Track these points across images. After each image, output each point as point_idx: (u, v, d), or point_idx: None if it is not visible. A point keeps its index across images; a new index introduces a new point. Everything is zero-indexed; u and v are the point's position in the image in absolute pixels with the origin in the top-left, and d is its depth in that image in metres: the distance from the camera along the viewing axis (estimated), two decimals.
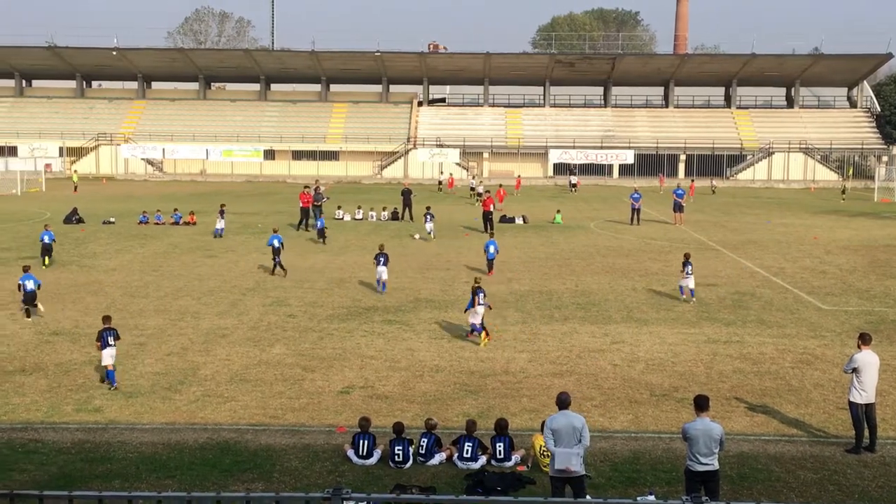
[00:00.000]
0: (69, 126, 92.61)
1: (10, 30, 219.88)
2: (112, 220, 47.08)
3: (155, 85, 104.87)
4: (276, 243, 31.44)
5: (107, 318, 19.06)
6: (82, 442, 15.49)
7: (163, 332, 23.28)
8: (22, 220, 48.75)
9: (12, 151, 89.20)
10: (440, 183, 76.07)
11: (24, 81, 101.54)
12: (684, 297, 27.69)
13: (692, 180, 72.27)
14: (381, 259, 28.65)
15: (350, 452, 14.82)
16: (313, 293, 28.55)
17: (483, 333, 22.24)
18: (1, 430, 15.97)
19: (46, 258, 33.08)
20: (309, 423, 16.55)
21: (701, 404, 12.36)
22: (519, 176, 73.58)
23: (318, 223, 40.99)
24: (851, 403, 15.40)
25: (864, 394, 15.27)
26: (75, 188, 69.73)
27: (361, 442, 14.78)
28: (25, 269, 25.44)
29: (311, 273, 32.11)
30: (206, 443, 15.51)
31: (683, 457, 13.82)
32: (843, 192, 69.46)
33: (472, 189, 64.91)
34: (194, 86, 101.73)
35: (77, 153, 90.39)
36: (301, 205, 45.36)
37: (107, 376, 18.51)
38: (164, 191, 71.04)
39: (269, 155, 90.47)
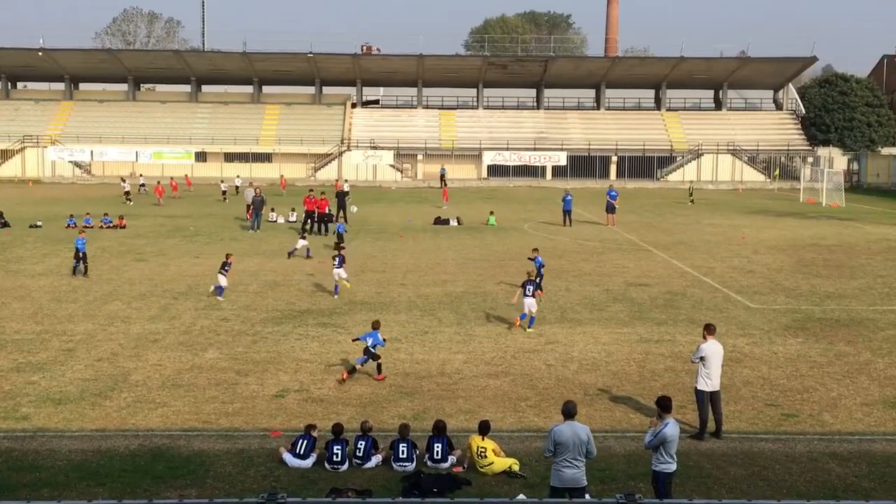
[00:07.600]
0: None
1: None
2: (39, 223, 46.07)
3: (83, 86, 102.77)
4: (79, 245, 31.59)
5: None
6: (9, 450, 15.13)
7: (92, 337, 22.85)
8: None
9: None
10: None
11: None
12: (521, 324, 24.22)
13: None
14: (338, 260, 28.61)
15: (286, 455, 14.71)
16: (247, 296, 28.27)
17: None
18: None
19: None
20: (243, 428, 16.39)
21: (665, 405, 12.57)
22: (445, 186, 68.14)
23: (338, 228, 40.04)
24: (698, 391, 16.12)
25: (709, 382, 16.00)
26: None
27: (301, 442, 14.72)
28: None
29: (245, 276, 31.80)
30: (138, 449, 15.27)
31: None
32: (691, 194, 68.26)
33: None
34: (123, 87, 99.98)
35: (2, 155, 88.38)
36: (306, 209, 45.48)
37: None
38: (93, 194, 69.70)
39: (201, 157, 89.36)
